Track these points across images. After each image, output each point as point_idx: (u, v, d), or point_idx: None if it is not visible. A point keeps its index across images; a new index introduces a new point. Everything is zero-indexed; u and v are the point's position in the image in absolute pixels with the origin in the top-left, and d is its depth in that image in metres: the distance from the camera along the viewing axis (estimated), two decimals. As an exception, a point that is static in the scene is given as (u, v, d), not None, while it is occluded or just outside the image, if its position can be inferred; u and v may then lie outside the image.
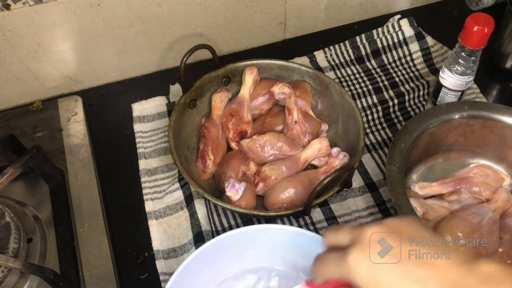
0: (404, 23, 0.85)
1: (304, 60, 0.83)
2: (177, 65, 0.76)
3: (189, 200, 0.68)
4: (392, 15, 0.88)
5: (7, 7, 0.67)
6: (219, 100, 0.72)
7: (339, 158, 0.67)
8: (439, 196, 0.66)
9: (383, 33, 0.84)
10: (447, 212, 0.62)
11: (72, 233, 0.64)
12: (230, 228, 0.66)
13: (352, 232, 0.39)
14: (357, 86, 0.80)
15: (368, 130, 0.75)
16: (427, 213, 0.62)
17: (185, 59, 0.67)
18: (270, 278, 0.60)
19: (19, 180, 0.68)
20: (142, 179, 0.71)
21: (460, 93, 0.70)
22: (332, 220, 0.66)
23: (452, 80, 0.68)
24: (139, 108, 0.78)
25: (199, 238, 0.64)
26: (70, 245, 0.63)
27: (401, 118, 0.76)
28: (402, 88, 0.79)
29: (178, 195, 0.69)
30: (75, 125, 0.75)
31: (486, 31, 0.62)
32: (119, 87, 0.83)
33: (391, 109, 0.77)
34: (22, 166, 0.63)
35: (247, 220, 0.67)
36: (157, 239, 0.65)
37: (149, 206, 0.68)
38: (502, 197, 0.63)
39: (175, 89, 0.79)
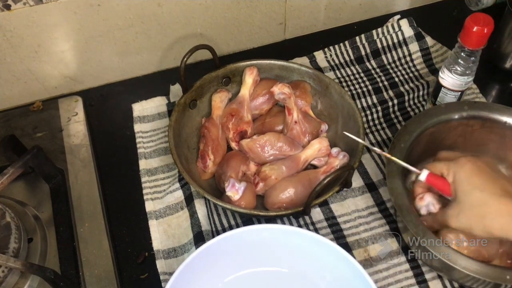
0: (404, 23, 0.85)
1: (304, 60, 0.83)
2: (177, 65, 0.76)
3: (189, 200, 0.68)
4: (391, 15, 0.88)
5: (7, 7, 0.67)
6: (219, 100, 0.72)
7: (339, 158, 0.67)
8: None
9: (383, 33, 0.85)
10: None
11: (72, 233, 0.64)
12: (230, 228, 0.66)
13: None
14: (357, 86, 0.80)
15: (368, 130, 0.75)
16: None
17: (185, 59, 0.67)
18: (270, 278, 0.60)
19: (19, 180, 0.68)
20: (143, 179, 0.71)
21: (459, 93, 0.70)
22: (331, 220, 0.66)
23: (452, 80, 0.68)
24: (139, 108, 0.78)
25: (199, 238, 0.64)
26: (70, 245, 0.63)
27: (400, 118, 0.76)
28: (401, 88, 0.79)
29: (178, 195, 0.69)
30: (75, 125, 0.75)
31: (485, 31, 0.62)
32: (119, 87, 0.83)
33: (391, 109, 0.77)
34: (23, 166, 0.63)
35: (247, 220, 0.67)
36: (157, 239, 0.65)
37: (149, 206, 0.68)
38: None
39: (175, 89, 0.79)
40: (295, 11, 0.84)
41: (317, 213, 0.67)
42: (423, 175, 0.57)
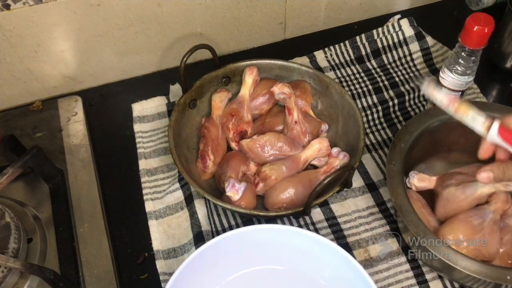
0: (404, 23, 0.85)
1: (304, 60, 0.83)
2: (177, 65, 0.76)
3: (189, 200, 0.68)
4: (392, 15, 0.87)
5: (7, 7, 0.67)
6: (219, 100, 0.72)
7: (339, 158, 0.67)
8: None
9: (383, 33, 0.84)
10: None
11: (72, 233, 0.64)
12: (230, 228, 0.66)
13: None
14: (357, 86, 0.80)
15: (368, 130, 0.75)
16: None
17: (185, 59, 0.67)
18: (270, 278, 0.60)
19: (19, 180, 0.68)
20: (142, 179, 0.71)
21: (460, 93, 0.70)
22: (332, 220, 0.66)
23: (452, 80, 0.68)
24: (139, 108, 0.78)
25: (199, 238, 0.64)
26: (70, 245, 0.63)
27: (401, 118, 0.76)
28: (402, 88, 0.79)
29: (178, 195, 0.69)
30: (75, 125, 0.75)
31: (486, 31, 0.62)
32: (119, 87, 0.83)
33: (391, 109, 0.77)
34: (22, 166, 0.63)
35: (247, 220, 0.67)
36: (157, 239, 0.65)
37: (149, 206, 0.68)
38: (501, 198, 0.63)
39: (175, 89, 0.79)
40: (295, 10, 0.84)
41: (317, 213, 0.67)
42: (494, 127, 0.50)
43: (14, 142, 0.68)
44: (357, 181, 0.70)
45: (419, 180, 0.64)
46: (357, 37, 0.84)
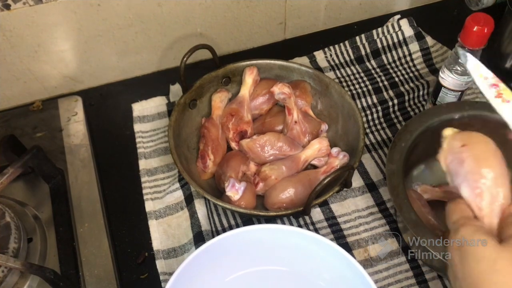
0: (404, 23, 0.85)
1: (304, 60, 0.83)
2: (177, 65, 0.76)
3: (189, 200, 0.68)
4: (392, 15, 0.87)
5: (7, 7, 0.67)
6: (219, 100, 0.72)
7: (339, 158, 0.67)
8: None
9: (383, 33, 0.85)
10: None
11: (72, 233, 0.64)
12: (230, 228, 0.66)
13: None
14: (357, 86, 0.80)
15: (368, 130, 0.75)
16: None
17: (185, 59, 0.67)
18: (270, 278, 0.60)
19: (19, 180, 0.68)
20: (142, 179, 0.71)
21: (460, 93, 0.70)
22: (332, 220, 0.66)
23: (452, 80, 0.68)
24: (139, 108, 0.78)
25: (199, 238, 0.64)
26: (70, 245, 0.63)
27: (401, 118, 0.76)
28: (402, 88, 0.79)
29: (178, 195, 0.69)
30: (75, 125, 0.75)
31: (486, 31, 0.62)
32: (119, 87, 0.83)
33: (391, 109, 0.77)
34: (22, 166, 0.63)
35: (247, 220, 0.67)
36: (157, 239, 0.65)
37: (149, 206, 0.68)
38: None
39: (175, 89, 0.79)
40: (295, 10, 0.84)
41: (317, 213, 0.67)
42: None
43: (14, 142, 0.68)
44: (357, 181, 0.70)
45: (422, 192, 0.64)
46: (357, 37, 0.84)
